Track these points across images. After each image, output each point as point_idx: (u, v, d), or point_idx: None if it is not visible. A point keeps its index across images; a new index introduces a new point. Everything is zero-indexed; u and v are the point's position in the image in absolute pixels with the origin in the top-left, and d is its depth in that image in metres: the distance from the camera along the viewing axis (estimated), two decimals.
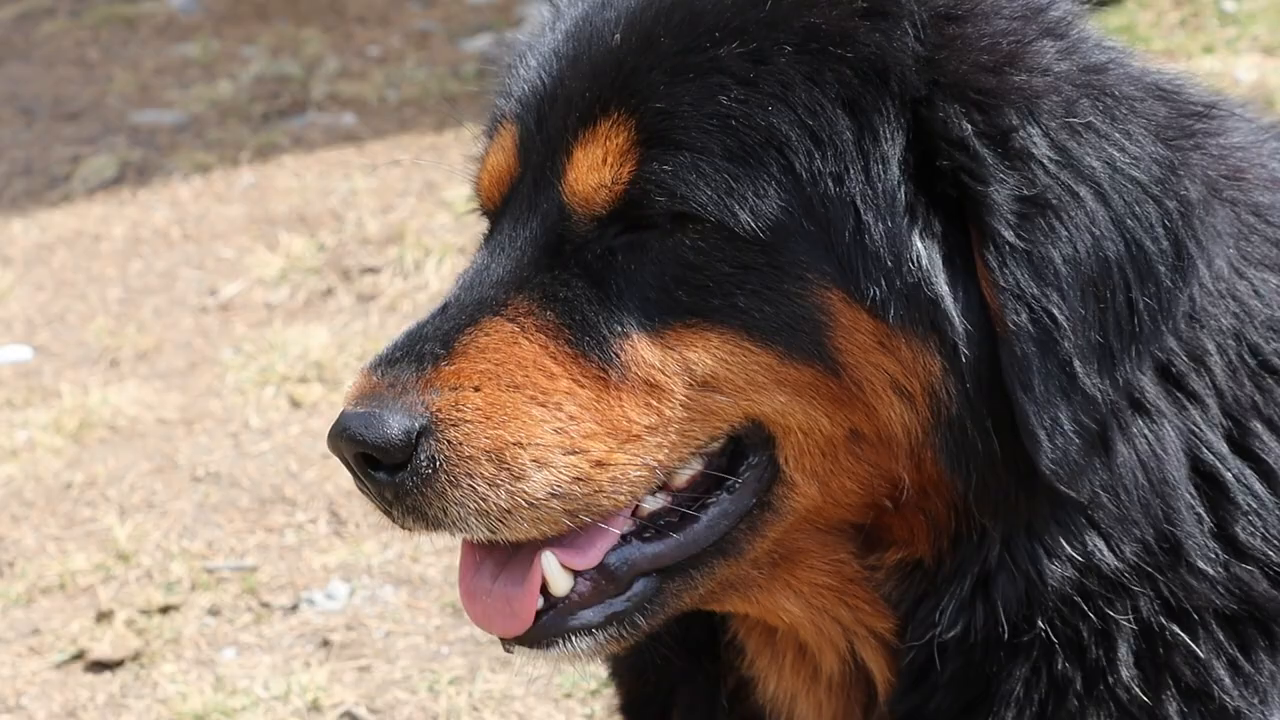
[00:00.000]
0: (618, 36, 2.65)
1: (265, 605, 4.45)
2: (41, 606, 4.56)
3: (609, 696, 3.11)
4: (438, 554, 4.59)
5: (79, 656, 4.37)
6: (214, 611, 4.45)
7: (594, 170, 2.56)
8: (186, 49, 7.90)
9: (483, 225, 2.93)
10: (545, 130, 2.65)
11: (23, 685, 4.29)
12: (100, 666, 4.34)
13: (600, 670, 3.28)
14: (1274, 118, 3.17)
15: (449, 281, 4.50)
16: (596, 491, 2.50)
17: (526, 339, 2.53)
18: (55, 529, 4.85)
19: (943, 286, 2.52)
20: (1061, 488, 2.55)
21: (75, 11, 8.27)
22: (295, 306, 5.64)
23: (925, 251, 2.53)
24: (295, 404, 5.17)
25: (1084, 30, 2.77)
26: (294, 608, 4.45)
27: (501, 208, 2.71)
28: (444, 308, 2.58)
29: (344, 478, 4.70)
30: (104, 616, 4.44)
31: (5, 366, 5.62)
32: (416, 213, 6.03)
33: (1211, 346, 2.70)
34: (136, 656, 4.33)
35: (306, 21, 8.10)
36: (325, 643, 4.29)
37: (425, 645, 4.26)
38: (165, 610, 4.48)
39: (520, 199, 2.67)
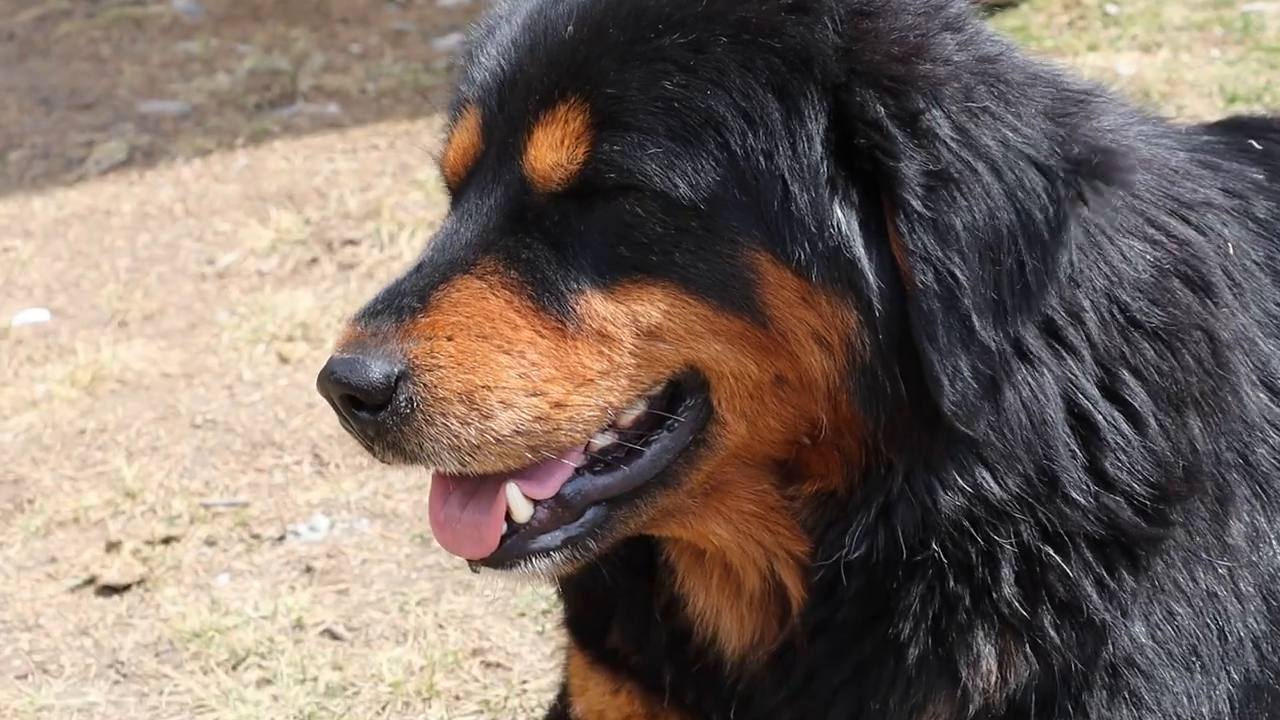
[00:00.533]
0: (570, 28, 2.65)
1: (255, 537, 4.54)
2: (57, 538, 4.61)
3: (558, 613, 3.00)
4: (408, 491, 4.66)
5: (90, 582, 4.41)
6: (210, 542, 4.54)
7: (553, 150, 2.58)
8: (189, 46, 7.90)
9: (447, 202, 2.93)
10: (506, 111, 2.66)
11: (40, 607, 4.32)
12: (109, 590, 4.37)
13: (550, 591, 3.23)
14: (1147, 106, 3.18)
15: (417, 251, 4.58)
16: (555, 429, 2.53)
17: (493, 294, 2.54)
18: (70, 470, 4.89)
19: (859, 249, 2.55)
20: (960, 427, 2.58)
21: (90, 13, 8.25)
22: (283, 274, 5.65)
23: (844, 219, 2.55)
24: (283, 360, 5.22)
25: (978, 25, 2.81)
26: (281, 539, 4.53)
27: (466, 180, 2.71)
28: (419, 267, 2.60)
29: (326, 424, 4.76)
30: (113, 546, 4.49)
31: (26, 327, 5.64)
32: (392, 191, 6.05)
33: (1087, 305, 2.74)
34: (141, 582, 4.37)
35: (295, 22, 8.10)
36: (308, 569, 4.38)
37: (396, 571, 4.35)
38: (167, 541, 4.55)
39: (484, 172, 2.67)
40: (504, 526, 2.59)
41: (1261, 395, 2.97)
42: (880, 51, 2.59)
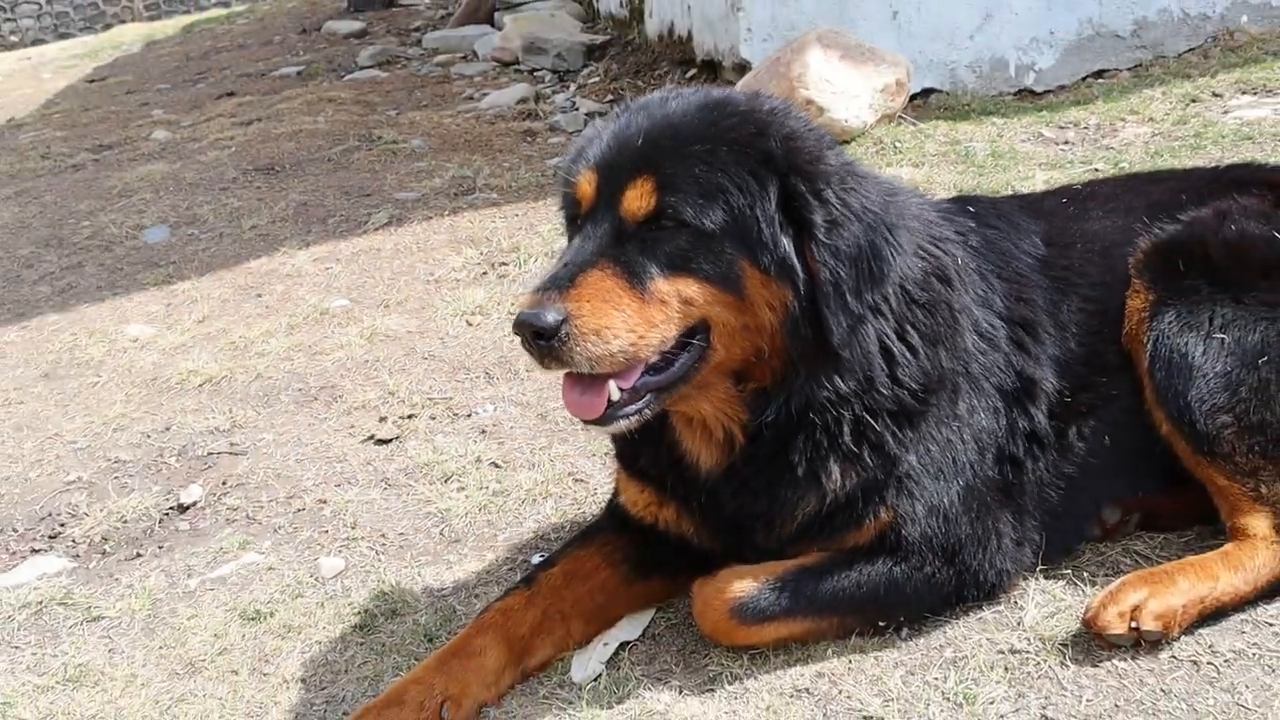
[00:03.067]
0: (640, 141, 2.72)
1: (455, 414, 4.58)
2: (355, 415, 4.71)
3: (612, 452, 3.05)
4: (535, 392, 4.63)
5: (371, 437, 4.47)
6: (433, 418, 4.58)
7: (636, 200, 2.65)
8: (420, 164, 7.97)
9: (562, 240, 3.06)
10: (610, 180, 2.70)
11: (344, 451, 4.42)
12: (381, 442, 4.43)
13: (608, 440, 3.25)
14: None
15: (541, 268, 4.80)
16: (639, 350, 2.60)
17: (609, 279, 2.60)
18: (360, 380, 5.02)
19: (793, 259, 2.65)
20: (844, 353, 2.69)
21: (370, 148, 8.36)
22: (469, 280, 5.85)
23: (786, 243, 2.64)
24: (469, 325, 5.36)
25: (823, 131, 2.90)
26: (469, 416, 4.56)
27: (586, 217, 2.73)
28: (565, 264, 2.65)
29: (491, 358, 4.73)
30: (382, 420, 4.59)
31: (338, 308, 5.82)
32: (525, 238, 6.06)
33: (891, 291, 2.76)
34: (398, 438, 4.45)
35: (475, 151, 8.16)
36: (483, 432, 4.41)
37: (529, 433, 4.36)
38: (410, 417, 4.59)
39: (597, 213, 2.71)
40: (606, 403, 2.65)
41: (974, 337, 2.96)
42: (801, 158, 2.68)
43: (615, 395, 2.66)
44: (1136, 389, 3.05)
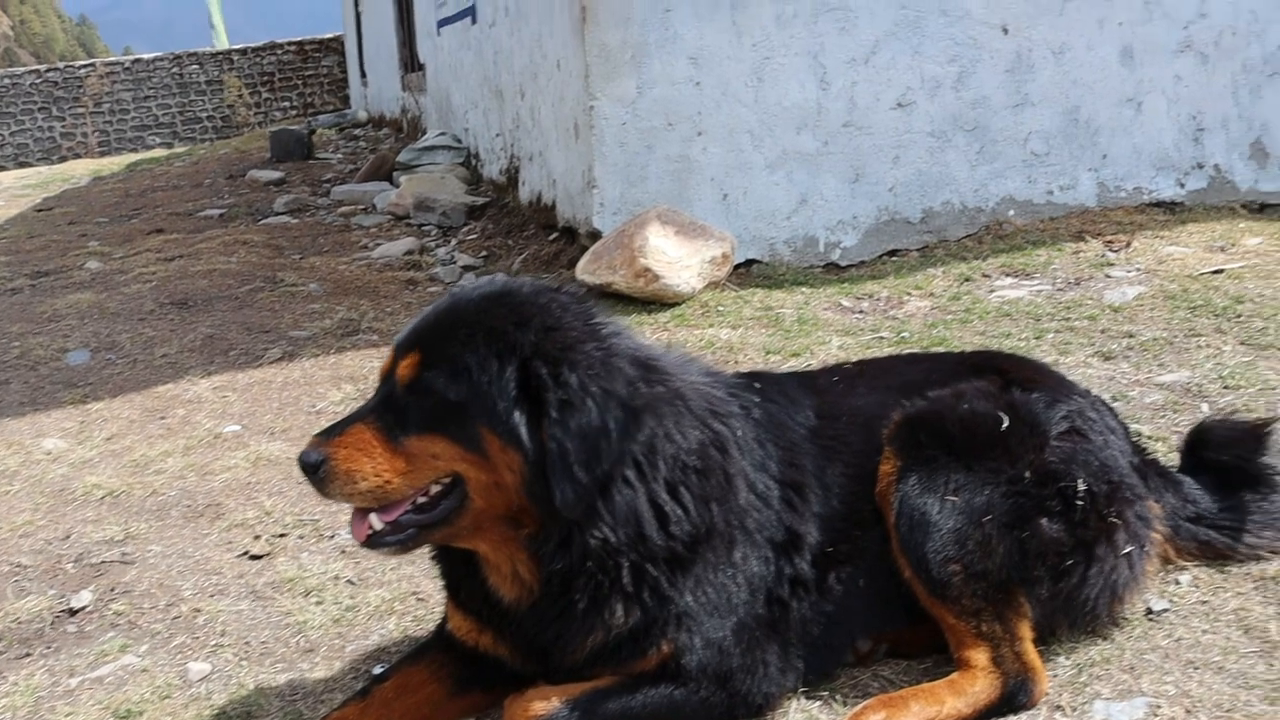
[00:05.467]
0: (428, 321, 2.75)
1: (320, 535, 4.53)
2: (233, 531, 4.64)
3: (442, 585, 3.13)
4: None
5: (246, 553, 4.38)
6: (301, 538, 4.56)
7: (404, 371, 2.65)
8: (315, 305, 7.88)
9: None
10: (398, 352, 2.72)
11: (222, 565, 4.39)
12: (255, 558, 4.34)
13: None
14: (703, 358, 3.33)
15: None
16: (387, 494, 2.62)
17: (368, 431, 2.62)
18: (242, 500, 4.93)
19: (522, 431, 2.62)
20: (569, 514, 2.65)
21: (272, 290, 8.17)
22: (344, 414, 5.61)
23: (520, 417, 2.62)
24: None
25: (612, 326, 2.89)
26: (332, 537, 4.49)
27: (380, 380, 2.78)
28: (345, 417, 2.72)
29: None
30: (257, 537, 4.57)
31: (228, 433, 5.73)
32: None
33: (663, 461, 2.78)
34: (270, 554, 4.39)
35: (364, 296, 8.09)
36: (343, 552, 4.35)
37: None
38: (282, 535, 4.56)
39: (385, 378, 2.74)
40: (370, 530, 2.68)
41: (749, 496, 2.97)
42: (552, 345, 2.67)
43: (377, 526, 2.66)
44: (886, 540, 3.12)
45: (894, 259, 8.05)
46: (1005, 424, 3.19)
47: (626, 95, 7.59)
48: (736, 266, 7.57)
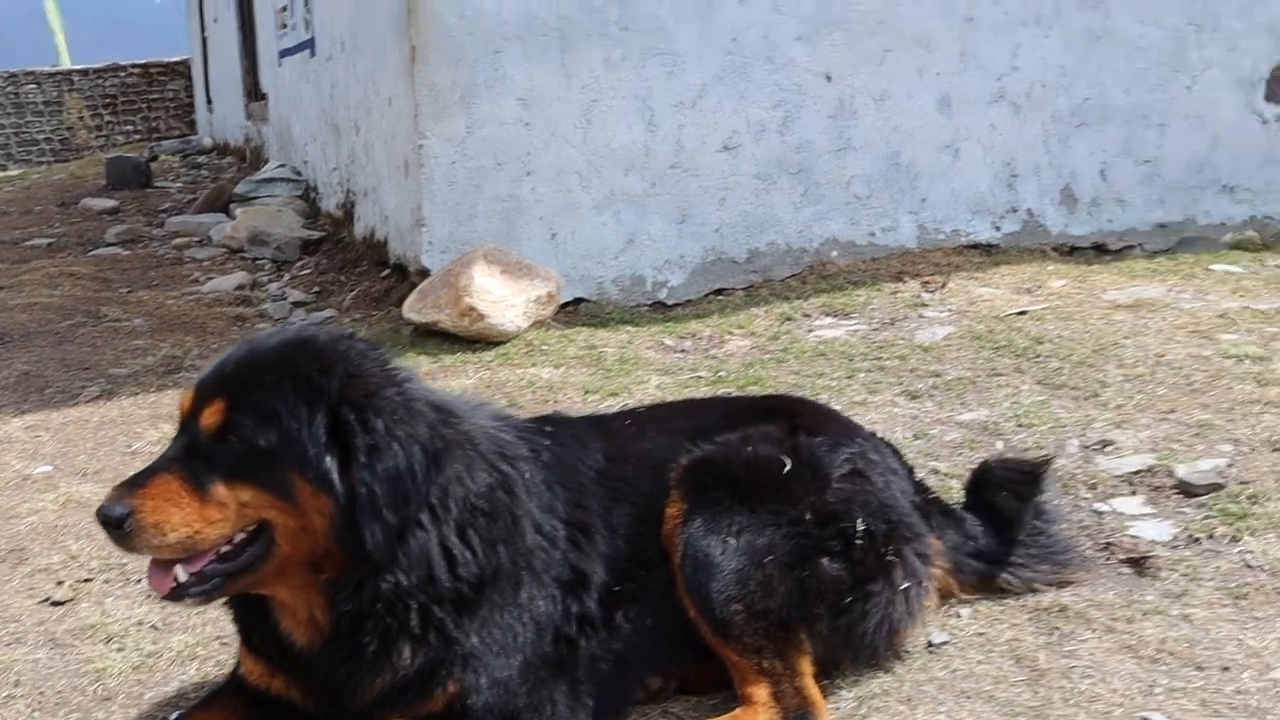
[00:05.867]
0: (229, 367, 2.73)
1: (127, 579, 4.34)
2: (36, 577, 4.52)
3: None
4: None
5: (47, 599, 4.31)
6: (107, 582, 4.48)
7: (209, 418, 2.64)
8: (138, 342, 7.82)
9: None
10: (198, 398, 2.69)
11: (21, 612, 4.28)
12: (56, 604, 4.28)
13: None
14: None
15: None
16: (196, 544, 2.58)
17: (174, 481, 2.58)
18: (48, 544, 4.76)
19: (334, 476, 2.63)
20: (379, 556, 2.68)
21: (95, 325, 8.06)
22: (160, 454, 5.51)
23: (330, 462, 2.64)
24: None
25: (408, 374, 2.93)
26: (139, 581, 4.32)
27: (180, 427, 2.76)
28: (148, 466, 2.66)
29: None
30: (60, 583, 4.44)
31: (39, 475, 5.58)
32: None
33: (454, 502, 2.83)
34: (72, 600, 4.31)
35: (189, 333, 8.02)
36: (149, 596, 4.18)
37: None
38: (87, 580, 4.47)
39: (185, 424, 2.70)
40: (175, 582, 2.66)
41: (536, 538, 3.04)
42: (356, 391, 2.69)
43: (182, 578, 2.62)
44: (673, 580, 3.24)
45: (720, 298, 8.22)
46: (788, 467, 3.35)
47: (456, 134, 7.67)
48: (564, 305, 7.68)
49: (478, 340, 6.89)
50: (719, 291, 8.32)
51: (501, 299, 6.88)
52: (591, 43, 7.91)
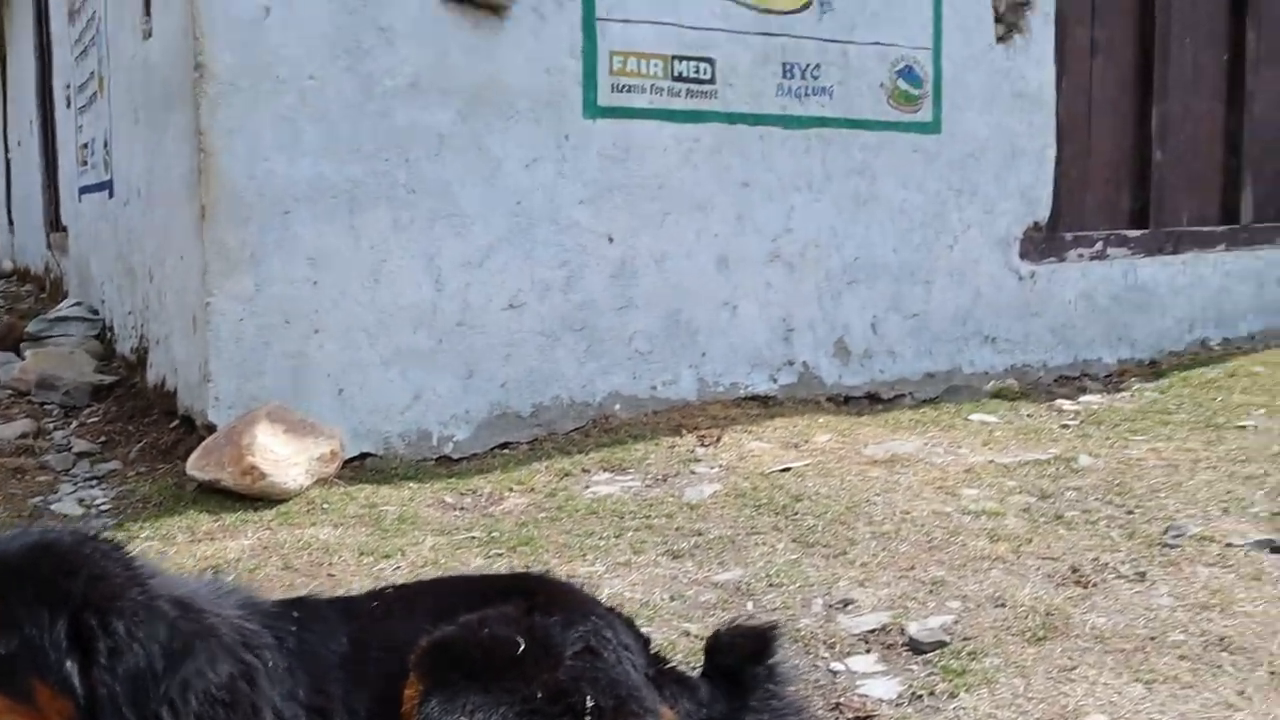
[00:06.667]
0: None
1: None
2: None
3: None
4: None
5: None
6: None
7: None
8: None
9: None
10: None
11: None
12: None
13: None
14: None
15: None
16: None
17: None
18: None
19: (75, 679, 2.68)
20: None
21: None
22: None
23: (70, 665, 2.70)
24: None
25: (143, 569, 3.02)
26: None
27: None
28: None
29: None
30: None
31: None
32: None
33: (195, 693, 2.91)
34: None
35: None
36: None
37: None
38: None
39: None
40: None
41: None
42: (99, 595, 2.78)
43: None
44: None
45: (505, 452, 8.41)
46: (522, 647, 3.58)
47: (244, 292, 7.78)
48: (351, 460, 7.80)
49: (260, 498, 6.94)
50: (504, 445, 8.53)
51: (284, 457, 6.97)
52: (380, 205, 8.13)
